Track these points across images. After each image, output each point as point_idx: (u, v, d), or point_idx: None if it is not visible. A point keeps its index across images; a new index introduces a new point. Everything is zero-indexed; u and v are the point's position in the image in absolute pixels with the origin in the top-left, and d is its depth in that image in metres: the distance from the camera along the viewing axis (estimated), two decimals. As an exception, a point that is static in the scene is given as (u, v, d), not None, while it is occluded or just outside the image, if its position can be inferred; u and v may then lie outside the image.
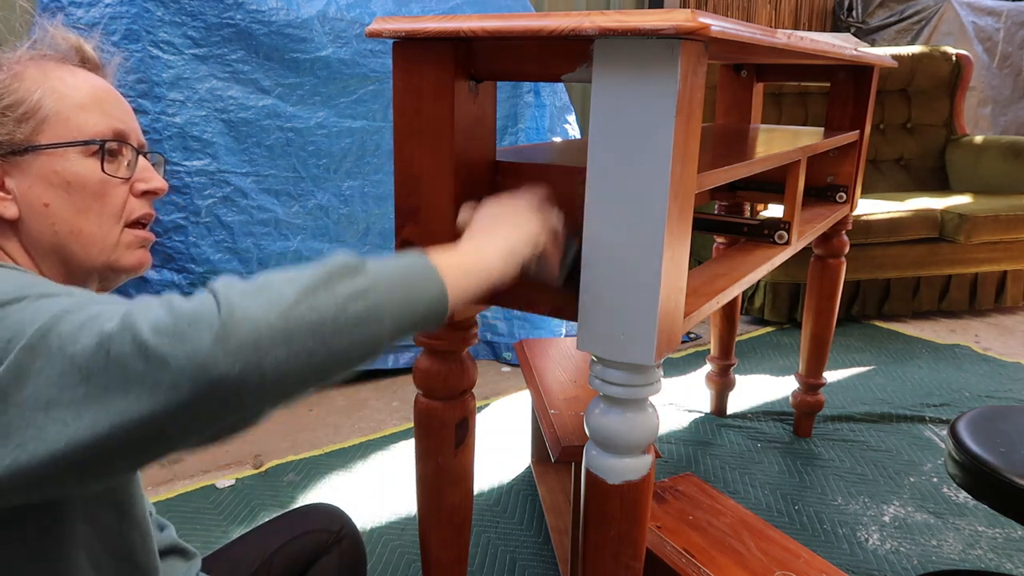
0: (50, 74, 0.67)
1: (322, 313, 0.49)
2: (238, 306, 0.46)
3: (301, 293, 0.49)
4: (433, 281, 0.59)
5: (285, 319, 0.47)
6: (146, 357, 0.44)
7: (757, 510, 1.72)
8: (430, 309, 0.58)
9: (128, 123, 0.71)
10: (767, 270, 1.19)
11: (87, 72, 0.70)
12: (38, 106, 0.65)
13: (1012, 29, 4.79)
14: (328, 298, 0.50)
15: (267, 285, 0.49)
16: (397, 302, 0.54)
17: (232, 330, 0.45)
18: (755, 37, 0.80)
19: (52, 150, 0.65)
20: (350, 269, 0.53)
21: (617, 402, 0.83)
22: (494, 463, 1.94)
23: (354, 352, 0.51)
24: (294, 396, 0.50)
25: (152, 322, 0.45)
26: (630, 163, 0.72)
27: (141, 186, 0.71)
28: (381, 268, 0.55)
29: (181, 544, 0.87)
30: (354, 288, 0.52)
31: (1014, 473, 1.06)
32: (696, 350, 2.76)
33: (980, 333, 2.97)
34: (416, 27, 0.79)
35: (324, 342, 0.49)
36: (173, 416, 0.45)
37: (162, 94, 2.00)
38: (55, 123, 0.65)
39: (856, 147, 1.73)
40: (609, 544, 0.87)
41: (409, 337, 0.59)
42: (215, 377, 0.44)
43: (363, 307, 0.51)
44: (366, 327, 0.51)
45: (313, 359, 0.48)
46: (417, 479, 1.06)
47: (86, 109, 0.67)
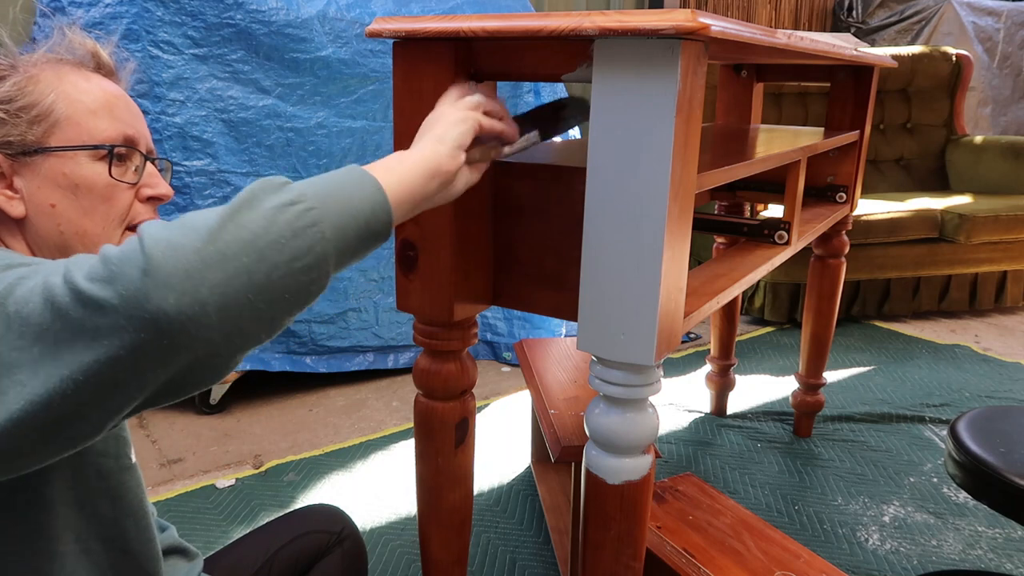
0: (64, 78, 0.68)
1: (251, 228, 0.48)
2: (162, 238, 0.46)
3: (227, 214, 0.48)
4: (367, 181, 0.57)
5: (212, 240, 0.46)
6: (83, 303, 0.44)
7: (757, 510, 1.72)
8: (372, 210, 0.56)
9: (138, 129, 0.71)
10: (767, 270, 1.19)
11: (101, 77, 0.71)
12: (51, 109, 0.66)
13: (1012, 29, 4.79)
14: (255, 213, 0.49)
15: (192, 217, 0.48)
16: (332, 207, 0.53)
17: (158, 261, 0.45)
18: (755, 37, 0.80)
19: (62, 152, 0.66)
20: (275, 185, 0.52)
21: (617, 402, 0.83)
22: (494, 463, 1.94)
23: (297, 266, 0.49)
24: (248, 326, 0.48)
25: (87, 271, 0.46)
26: (630, 163, 0.72)
27: (147, 191, 0.72)
28: (309, 180, 0.54)
29: (183, 544, 0.87)
30: (280, 199, 0.50)
31: (1014, 473, 1.06)
32: (696, 350, 2.76)
33: (980, 333, 2.97)
34: (416, 27, 0.79)
35: (262, 257, 0.47)
36: (121, 361, 0.45)
37: (162, 94, 2.00)
38: (66, 126, 0.66)
39: (856, 147, 1.73)
40: (609, 544, 0.87)
41: (360, 254, 0.57)
42: (151, 311, 0.44)
43: (294, 214, 0.50)
44: (304, 235, 0.50)
45: (255, 277, 0.47)
46: (417, 479, 1.06)
47: (97, 114, 0.68)
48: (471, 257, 0.90)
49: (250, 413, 2.21)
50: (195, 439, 2.05)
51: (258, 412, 2.22)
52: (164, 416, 2.19)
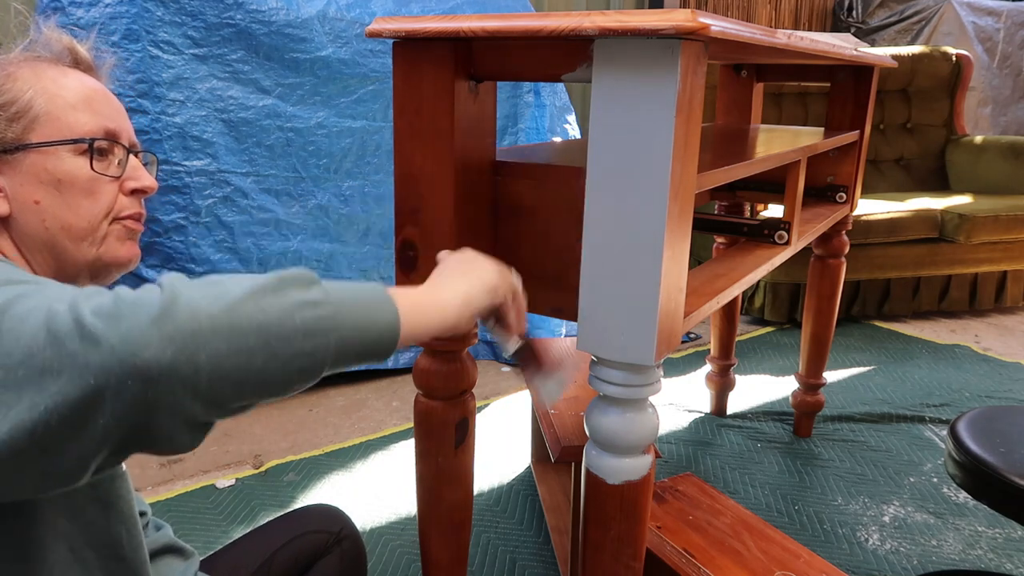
0: (42, 75, 0.68)
1: (269, 314, 0.48)
2: (183, 295, 0.46)
3: (251, 292, 0.48)
4: (388, 309, 0.58)
5: (230, 313, 0.46)
6: (81, 335, 0.44)
7: (757, 510, 1.72)
8: (380, 336, 0.57)
9: (119, 122, 0.71)
10: (767, 270, 1.19)
11: (79, 73, 0.71)
12: (29, 105, 0.66)
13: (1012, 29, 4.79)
14: (278, 301, 0.49)
15: (217, 282, 0.48)
16: (348, 321, 0.53)
17: (172, 314, 0.44)
18: (755, 37, 0.80)
19: (43, 149, 0.66)
20: (305, 280, 0.52)
21: (617, 402, 0.83)
22: (494, 463, 1.94)
23: (294, 365, 0.50)
24: (226, 404, 0.48)
25: (96, 305, 0.45)
26: (630, 163, 0.72)
27: (131, 184, 0.72)
28: (337, 287, 0.54)
29: (178, 543, 0.87)
30: (306, 298, 0.51)
31: (1014, 473, 1.06)
32: (696, 350, 2.76)
33: (980, 333, 2.97)
34: (416, 27, 0.79)
35: (267, 345, 0.48)
36: (101, 402, 0.44)
37: (162, 94, 2.00)
38: (46, 122, 0.66)
39: (856, 147, 1.73)
40: (609, 544, 0.87)
41: (349, 366, 0.57)
42: (145, 359, 0.43)
43: (312, 317, 0.50)
44: (312, 338, 0.50)
45: (253, 362, 0.47)
46: (417, 479, 1.06)
47: (76, 109, 0.68)
48: (471, 257, 0.90)
49: (250, 413, 2.21)
50: (195, 439, 2.05)
51: (258, 412, 2.22)
52: (164, 416, 2.19)
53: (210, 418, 0.48)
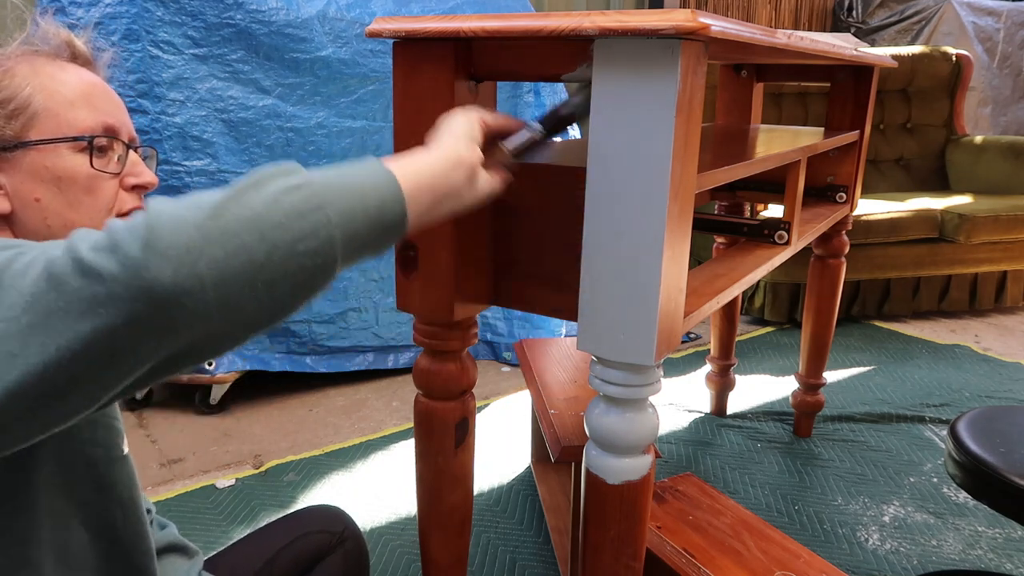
0: (40, 70, 0.67)
1: (254, 207, 0.48)
2: (166, 212, 0.46)
3: (231, 193, 0.48)
4: (377, 168, 0.57)
5: (215, 216, 0.46)
6: (83, 272, 0.44)
7: (757, 510, 1.72)
8: (382, 199, 0.55)
9: (118, 117, 0.71)
10: (767, 270, 1.19)
11: (78, 67, 0.70)
12: (27, 102, 0.65)
13: (1012, 29, 4.79)
14: (259, 194, 0.49)
15: (199, 194, 0.48)
16: (338, 191, 0.52)
17: (160, 233, 0.44)
18: (755, 37, 0.80)
19: (42, 146, 0.65)
20: (284, 170, 0.52)
21: (617, 402, 0.83)
22: (494, 463, 1.94)
23: (300, 249, 0.49)
24: (247, 306, 0.47)
25: (91, 241, 0.45)
26: (630, 163, 0.72)
27: (131, 180, 0.71)
28: (321, 169, 0.54)
29: (183, 542, 0.87)
30: (288, 183, 0.50)
31: (1014, 473, 1.06)
32: (696, 350, 2.76)
33: (980, 333, 2.97)
34: (416, 27, 0.79)
35: (263, 236, 0.47)
36: (117, 332, 0.44)
37: (162, 94, 2.00)
38: (44, 119, 0.66)
39: (856, 147, 1.73)
40: (609, 544, 0.87)
41: (378, 248, 0.56)
42: (149, 282, 0.43)
43: (300, 198, 0.50)
44: (306, 218, 0.49)
45: (255, 257, 0.47)
46: (417, 479, 1.06)
47: (75, 105, 0.67)
48: (471, 257, 0.90)
49: (250, 413, 2.21)
50: (195, 439, 2.05)
51: (258, 412, 2.22)
52: (164, 416, 2.19)
53: (238, 329, 0.48)
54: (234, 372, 2.18)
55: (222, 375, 2.16)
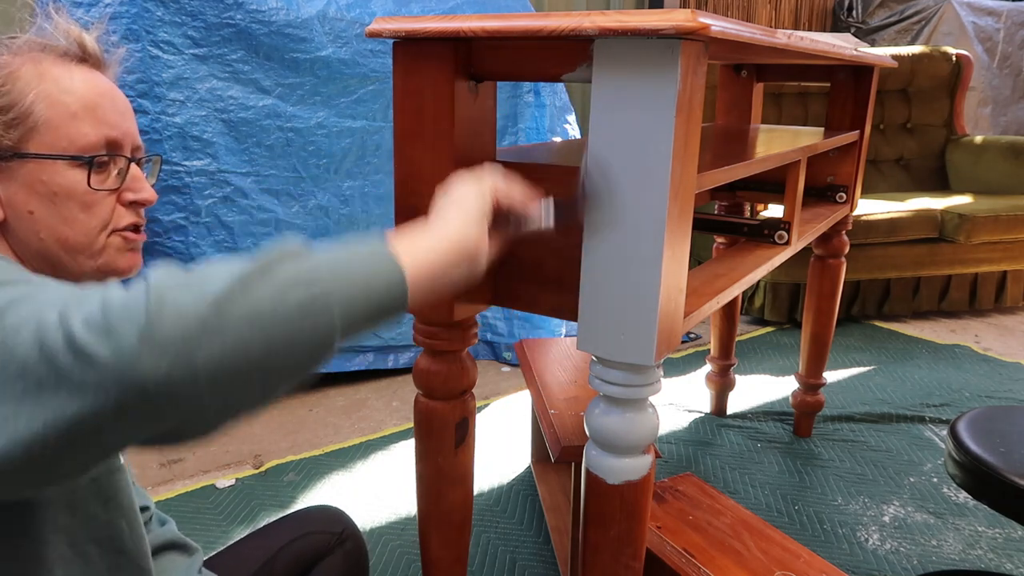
0: (46, 74, 0.65)
1: (259, 300, 0.46)
2: (168, 298, 0.44)
3: (236, 280, 0.46)
4: (386, 259, 0.55)
5: (217, 308, 0.44)
6: (75, 352, 0.43)
7: (757, 510, 1.72)
8: (388, 292, 0.54)
9: (123, 127, 0.69)
10: (767, 270, 1.19)
11: (87, 70, 0.68)
12: (29, 111, 0.63)
13: (1012, 29, 4.79)
14: (266, 284, 0.47)
15: (203, 273, 0.46)
16: (346, 286, 0.51)
17: (158, 324, 0.43)
18: (755, 37, 0.80)
19: (40, 159, 0.64)
20: (292, 254, 0.50)
21: (617, 402, 0.83)
22: (494, 463, 1.94)
23: (300, 345, 0.47)
24: (240, 400, 0.47)
25: (85, 315, 0.44)
26: (630, 163, 0.72)
27: (129, 196, 0.69)
28: (328, 251, 0.52)
29: (182, 539, 0.87)
30: (296, 273, 0.48)
31: (1014, 473, 1.06)
32: (696, 350, 2.76)
33: (980, 333, 2.97)
34: (416, 27, 0.79)
35: (264, 333, 0.45)
36: (104, 418, 0.43)
37: (162, 94, 2.00)
38: (45, 131, 0.64)
39: (856, 147, 1.73)
40: (609, 544, 0.87)
41: (373, 330, 0.54)
42: (140, 376, 0.42)
43: (306, 294, 0.48)
44: (311, 316, 0.48)
45: (252, 353, 0.45)
46: (417, 479, 1.06)
47: (78, 117, 0.65)
48: (471, 257, 0.89)
49: (250, 413, 2.21)
50: (195, 439, 2.05)
51: (258, 412, 2.22)
52: (164, 416, 2.19)
53: (223, 415, 0.47)
54: (234, 372, 2.18)
55: (222, 375, 2.16)
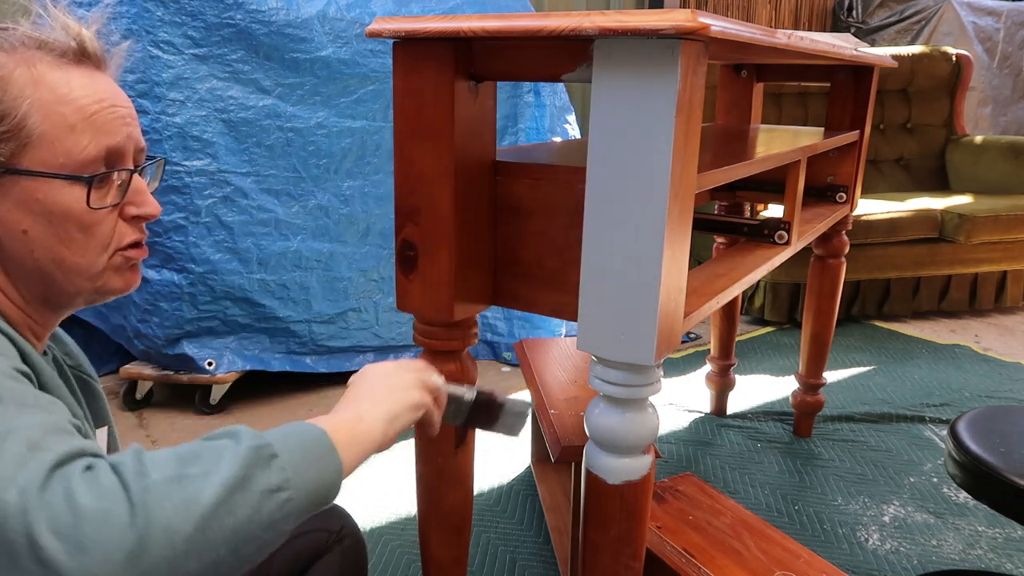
0: (42, 80, 0.60)
1: (239, 518, 0.46)
2: (155, 515, 0.42)
3: (221, 493, 0.46)
4: (334, 463, 0.55)
5: (203, 527, 0.44)
6: (38, 559, 0.39)
7: (757, 510, 1.72)
8: (329, 493, 0.55)
9: (125, 133, 0.64)
10: (767, 270, 1.19)
11: (87, 71, 0.63)
12: (23, 122, 0.58)
13: (1012, 29, 4.79)
14: (246, 498, 0.47)
15: (183, 475, 0.45)
16: (304, 493, 0.52)
17: (148, 547, 0.41)
18: (755, 37, 0.80)
19: (34, 176, 0.59)
20: (266, 458, 0.50)
21: (617, 402, 0.83)
22: (494, 463, 1.94)
23: (264, 548, 0.49)
24: None
25: (51, 517, 0.39)
26: (630, 163, 0.72)
27: (132, 211, 0.65)
28: (289, 453, 0.52)
29: None
30: (269, 483, 0.49)
31: (1014, 473, 1.06)
32: (696, 350, 2.76)
33: (980, 333, 2.97)
34: (416, 27, 0.79)
35: (235, 551, 0.46)
36: None
37: (162, 94, 2.00)
38: (40, 145, 0.59)
39: (856, 147, 1.73)
40: (609, 544, 0.87)
41: None
42: None
43: (276, 504, 0.49)
44: (274, 528, 0.49)
45: (224, 563, 0.46)
46: (417, 479, 1.06)
47: (76, 129, 0.60)
48: (471, 257, 0.90)
49: (250, 413, 2.21)
50: (195, 439, 2.05)
51: (258, 412, 2.22)
52: (164, 416, 2.19)
53: None
54: (234, 372, 2.18)
55: (222, 375, 2.16)
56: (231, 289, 2.14)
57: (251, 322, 2.20)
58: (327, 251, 2.29)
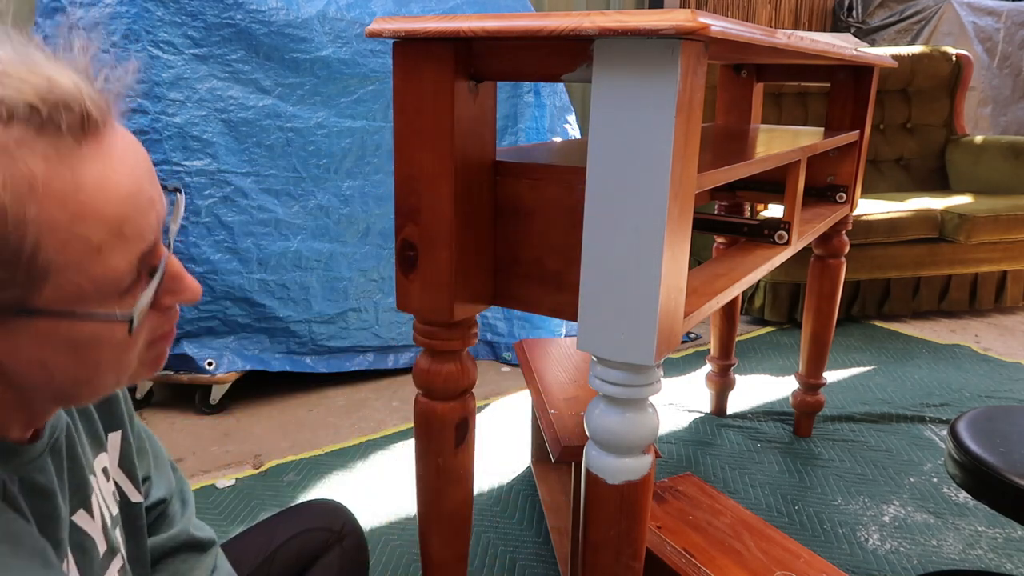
0: (46, 189, 0.42)
1: None
2: None
3: None
4: None
5: None
6: None
7: (757, 510, 1.72)
8: None
9: (155, 218, 0.50)
10: (767, 270, 1.19)
11: (95, 145, 0.46)
12: (31, 262, 0.43)
13: (1012, 29, 4.79)
14: None
15: None
16: None
17: None
18: (755, 37, 0.80)
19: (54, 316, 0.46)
20: None
21: (617, 402, 0.83)
22: (494, 463, 1.94)
23: None
24: None
25: None
26: (630, 163, 0.72)
27: (169, 301, 0.53)
28: None
29: (194, 538, 0.83)
30: None
31: (1014, 473, 1.06)
32: (696, 350, 2.76)
33: (980, 333, 2.97)
34: (416, 27, 0.79)
35: None
36: None
37: (162, 94, 2.00)
38: (58, 278, 0.45)
39: (856, 147, 1.73)
40: (609, 544, 0.87)
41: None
42: None
43: None
44: None
45: None
46: (417, 479, 1.06)
47: (103, 251, 0.45)
48: (471, 257, 0.90)
49: (250, 413, 2.21)
50: (195, 439, 2.05)
51: (258, 412, 2.22)
52: (164, 416, 2.19)
53: None
54: (234, 372, 2.18)
55: (222, 375, 2.16)
56: (231, 289, 2.14)
57: (251, 322, 2.21)
58: (327, 251, 2.29)
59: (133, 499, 0.73)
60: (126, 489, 0.73)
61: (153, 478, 0.82)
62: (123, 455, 0.73)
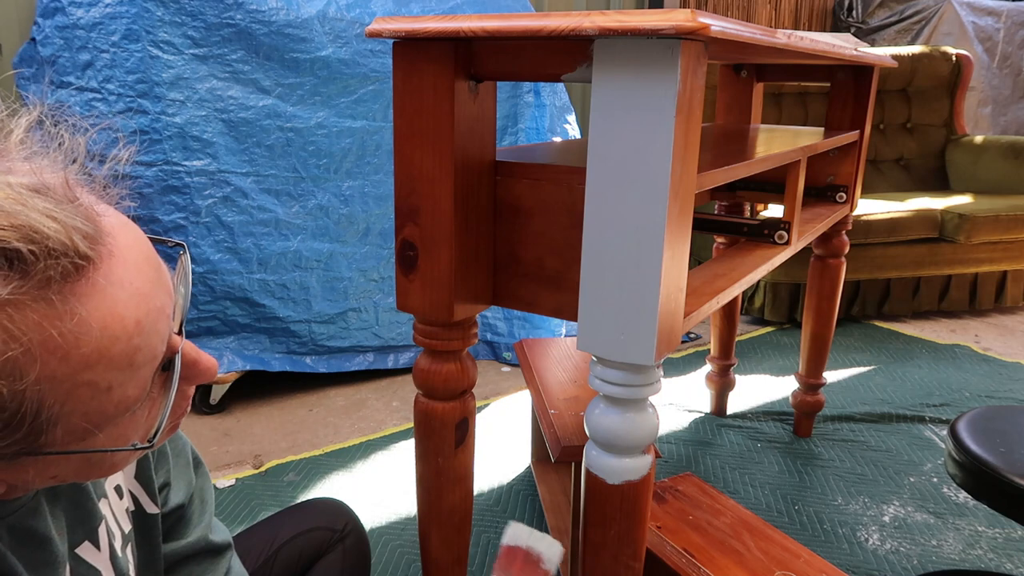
0: (42, 355, 0.38)
1: None
2: None
3: None
4: None
5: None
6: None
7: (757, 510, 1.72)
8: None
9: (167, 327, 0.46)
10: (767, 270, 1.19)
11: (95, 292, 0.40)
12: (35, 415, 0.40)
13: (1012, 29, 4.79)
14: None
15: None
16: None
17: None
18: (755, 37, 0.80)
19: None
20: None
21: (617, 402, 0.83)
22: (494, 463, 1.94)
23: None
24: None
25: None
26: (630, 163, 0.72)
27: (186, 387, 0.52)
28: None
29: (210, 543, 0.81)
30: None
31: (1014, 473, 1.06)
32: (696, 350, 2.76)
33: (980, 333, 2.97)
34: (416, 27, 0.79)
35: None
36: None
37: (162, 94, 2.00)
38: (67, 420, 0.42)
39: (856, 147, 1.73)
40: (609, 544, 0.87)
41: None
42: None
43: None
44: None
45: None
46: (417, 479, 1.06)
47: (113, 388, 0.43)
48: (471, 257, 0.90)
49: (250, 413, 2.21)
50: (195, 439, 2.05)
51: (258, 412, 2.22)
52: (164, 416, 2.19)
53: None
54: (234, 372, 2.18)
55: (222, 375, 2.16)
56: (231, 289, 2.14)
57: (251, 322, 2.21)
58: (327, 251, 2.29)
59: (149, 511, 0.71)
60: (142, 501, 0.71)
61: (172, 484, 0.79)
62: (139, 467, 0.71)
